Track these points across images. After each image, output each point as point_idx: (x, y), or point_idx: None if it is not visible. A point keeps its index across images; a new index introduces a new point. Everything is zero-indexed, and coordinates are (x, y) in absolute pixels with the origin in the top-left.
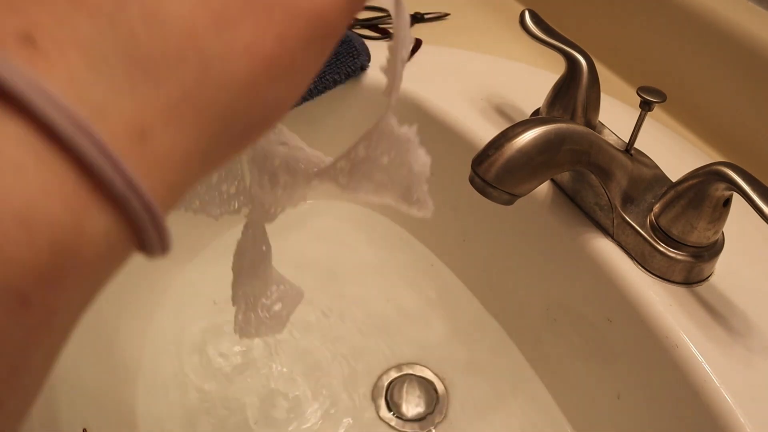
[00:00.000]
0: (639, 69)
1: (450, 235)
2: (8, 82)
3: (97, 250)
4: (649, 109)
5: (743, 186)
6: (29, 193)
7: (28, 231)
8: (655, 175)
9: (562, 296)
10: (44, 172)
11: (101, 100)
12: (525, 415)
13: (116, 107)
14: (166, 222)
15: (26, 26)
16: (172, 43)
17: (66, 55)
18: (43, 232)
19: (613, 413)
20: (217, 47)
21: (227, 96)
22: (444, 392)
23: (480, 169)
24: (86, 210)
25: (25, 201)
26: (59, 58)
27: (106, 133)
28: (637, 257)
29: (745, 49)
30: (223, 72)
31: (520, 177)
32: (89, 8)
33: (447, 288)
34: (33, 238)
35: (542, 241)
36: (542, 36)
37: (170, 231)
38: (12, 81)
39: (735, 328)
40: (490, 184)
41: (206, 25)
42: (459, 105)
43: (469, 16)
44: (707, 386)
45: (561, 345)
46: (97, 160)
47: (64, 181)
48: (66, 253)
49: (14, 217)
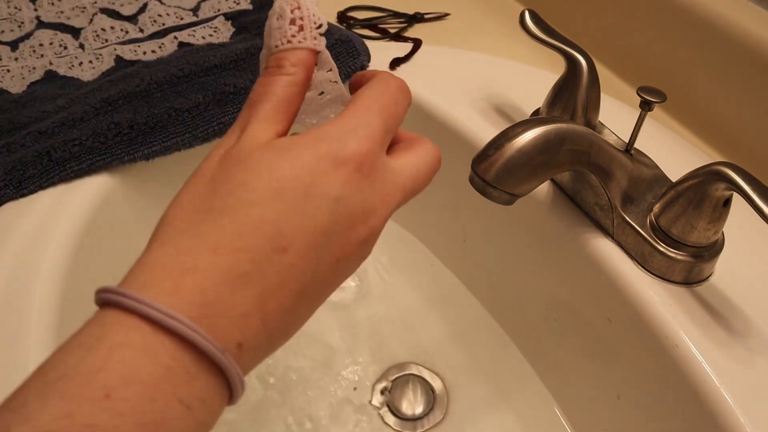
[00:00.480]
0: (639, 69)
1: (450, 235)
2: (224, 362)
3: (216, 409)
4: (649, 109)
5: (743, 186)
6: (198, 391)
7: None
8: (655, 175)
9: (562, 296)
10: (199, 379)
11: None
12: (525, 415)
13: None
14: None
15: (242, 340)
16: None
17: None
18: (202, 411)
19: (613, 413)
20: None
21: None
22: (444, 392)
23: (480, 169)
24: (223, 406)
25: (197, 395)
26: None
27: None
28: (637, 257)
29: (745, 49)
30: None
31: (520, 177)
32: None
33: (447, 288)
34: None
35: (542, 241)
36: (542, 36)
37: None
38: (226, 361)
39: (735, 328)
40: (490, 184)
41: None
42: (459, 105)
43: (469, 16)
44: (707, 386)
45: (561, 345)
46: (237, 393)
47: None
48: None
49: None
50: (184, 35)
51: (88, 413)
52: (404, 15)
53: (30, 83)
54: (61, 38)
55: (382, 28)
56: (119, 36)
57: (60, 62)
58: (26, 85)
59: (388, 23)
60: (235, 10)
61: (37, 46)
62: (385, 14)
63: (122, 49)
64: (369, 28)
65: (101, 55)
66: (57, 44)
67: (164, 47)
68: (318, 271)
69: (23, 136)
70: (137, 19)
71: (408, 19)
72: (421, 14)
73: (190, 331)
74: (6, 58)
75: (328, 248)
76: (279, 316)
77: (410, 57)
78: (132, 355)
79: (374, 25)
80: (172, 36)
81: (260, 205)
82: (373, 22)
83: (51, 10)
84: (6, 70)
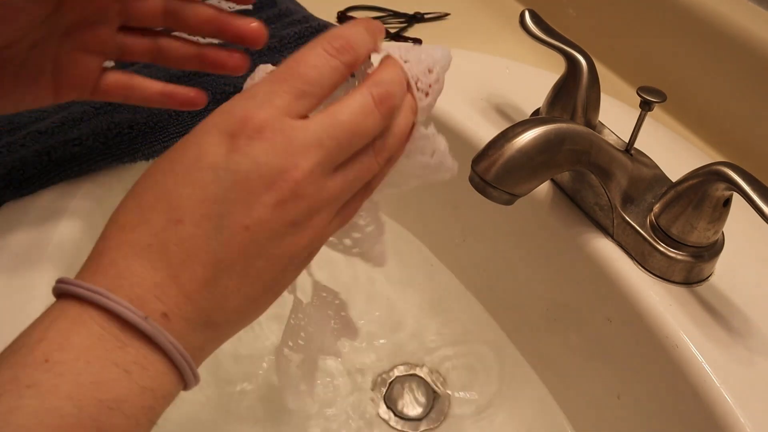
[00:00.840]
0: (639, 69)
1: (450, 235)
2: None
3: (171, 391)
4: (649, 109)
5: (743, 186)
6: (132, 357)
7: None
8: (655, 175)
9: (562, 296)
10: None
11: (193, 342)
12: (525, 415)
13: (189, 340)
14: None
15: (165, 310)
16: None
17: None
18: (143, 376)
19: (613, 413)
20: None
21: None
22: (444, 392)
23: (480, 168)
24: (170, 378)
25: (131, 360)
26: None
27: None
28: (637, 257)
29: (745, 49)
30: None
31: (520, 177)
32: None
33: (447, 288)
34: (155, 395)
35: (542, 241)
36: (542, 36)
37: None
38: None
39: (735, 328)
40: (490, 184)
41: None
42: (459, 105)
43: (469, 16)
44: (707, 386)
45: (561, 345)
46: (182, 366)
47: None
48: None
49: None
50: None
51: (30, 375)
52: (404, 15)
53: None
54: None
55: None
56: None
57: None
58: None
59: (388, 23)
60: (235, 9)
61: None
62: (385, 14)
63: None
64: None
65: None
66: None
67: None
68: (227, 241)
69: (23, 136)
70: None
71: (408, 19)
72: (421, 14)
73: (109, 300)
74: None
75: (230, 217)
76: (201, 288)
77: None
78: (67, 326)
79: None
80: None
81: (156, 184)
82: None
83: None
84: None
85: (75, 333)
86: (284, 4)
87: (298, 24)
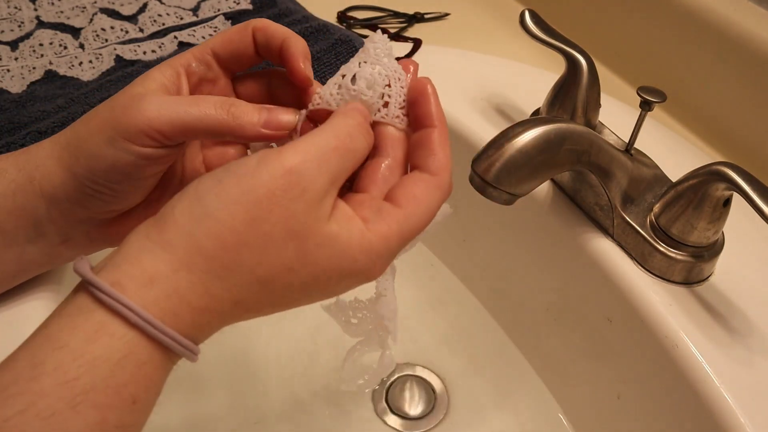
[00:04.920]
0: (639, 69)
1: (450, 235)
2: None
3: (165, 367)
4: (649, 109)
5: (743, 186)
6: (149, 352)
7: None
8: (655, 175)
9: (562, 296)
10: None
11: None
12: (525, 415)
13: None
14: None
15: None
16: None
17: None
18: (150, 367)
19: (613, 413)
20: None
21: None
22: (444, 392)
23: (480, 168)
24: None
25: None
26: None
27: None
28: (637, 257)
29: (745, 49)
30: None
31: (520, 177)
32: None
33: (447, 288)
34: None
35: (542, 241)
36: (542, 36)
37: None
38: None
39: (735, 328)
40: (490, 184)
41: None
42: (459, 105)
43: (469, 16)
44: (707, 386)
45: (561, 345)
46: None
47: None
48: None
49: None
50: (184, 35)
51: (52, 357)
52: (404, 15)
53: (30, 83)
54: (61, 38)
55: (382, 28)
56: (119, 36)
57: (60, 62)
58: (26, 84)
59: (388, 23)
60: (235, 9)
61: (37, 45)
62: (385, 14)
63: (122, 49)
64: (369, 28)
65: (101, 55)
66: (57, 44)
67: (164, 47)
68: None
69: (23, 136)
70: (137, 19)
71: (408, 19)
72: (421, 14)
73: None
74: (6, 57)
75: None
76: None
77: (410, 57)
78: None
79: (374, 25)
80: (172, 36)
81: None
82: (373, 22)
83: (51, 9)
84: (6, 69)
85: (65, 303)
86: (284, 4)
87: (299, 24)
